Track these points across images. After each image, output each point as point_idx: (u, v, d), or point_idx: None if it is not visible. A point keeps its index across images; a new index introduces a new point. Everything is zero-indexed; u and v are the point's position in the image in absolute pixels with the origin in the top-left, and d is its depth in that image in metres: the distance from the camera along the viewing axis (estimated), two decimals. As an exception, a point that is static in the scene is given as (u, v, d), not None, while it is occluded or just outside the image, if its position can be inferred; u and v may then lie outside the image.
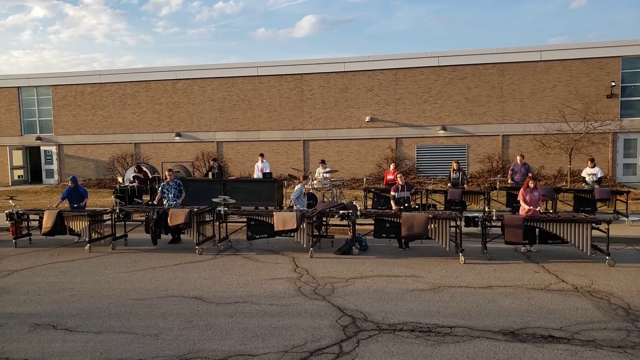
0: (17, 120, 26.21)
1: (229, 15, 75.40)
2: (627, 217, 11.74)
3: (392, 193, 10.34)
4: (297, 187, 10.87)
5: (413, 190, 10.48)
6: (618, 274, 7.65)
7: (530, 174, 12.64)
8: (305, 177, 11.36)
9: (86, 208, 11.48)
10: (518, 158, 13.23)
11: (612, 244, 8.53)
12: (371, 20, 74.47)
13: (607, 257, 8.20)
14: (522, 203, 9.43)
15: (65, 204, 11.26)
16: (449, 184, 13.31)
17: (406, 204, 10.12)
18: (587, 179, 13.12)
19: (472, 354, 4.79)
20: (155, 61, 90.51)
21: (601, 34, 64.64)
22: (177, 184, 11.05)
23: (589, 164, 13.24)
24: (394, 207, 10.16)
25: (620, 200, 12.16)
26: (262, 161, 15.51)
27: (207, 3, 73.42)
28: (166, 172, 11.44)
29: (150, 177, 16.06)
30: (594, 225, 8.29)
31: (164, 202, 10.98)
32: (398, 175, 10.44)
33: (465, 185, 13.14)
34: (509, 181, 13.25)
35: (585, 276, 7.53)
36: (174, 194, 10.95)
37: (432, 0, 71.27)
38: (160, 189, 11.20)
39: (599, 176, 13.03)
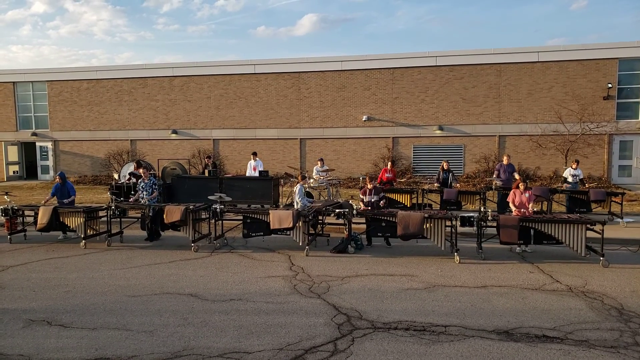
0: (12, 115, 26.08)
1: (230, 12, 75.21)
2: (622, 218, 11.80)
3: (361, 196, 10.29)
4: (298, 187, 10.82)
5: (381, 195, 10.37)
6: (612, 274, 7.70)
7: (516, 174, 12.75)
8: (304, 177, 11.35)
9: (80, 205, 11.44)
10: (505, 158, 13.31)
11: (606, 245, 8.57)
12: (371, 20, 74.49)
13: (601, 258, 8.24)
14: (511, 205, 9.46)
15: (55, 201, 11.22)
16: (436, 184, 13.35)
17: (375, 207, 10.09)
18: (569, 179, 13.19)
19: (466, 353, 4.81)
20: (154, 58, 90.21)
21: (600, 36, 64.90)
22: (151, 182, 11.06)
23: (572, 165, 13.32)
24: (362, 207, 10.15)
25: (615, 201, 12.22)
26: (256, 159, 15.49)
27: (208, 0, 73.23)
28: (141, 170, 11.44)
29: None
30: (588, 226, 8.34)
31: (140, 200, 10.99)
32: (369, 182, 10.35)
33: (457, 185, 13.22)
34: (494, 181, 13.29)
35: (580, 277, 7.58)
36: (147, 192, 10.95)
37: (432, 0, 71.35)
38: (138, 186, 11.21)
39: (580, 177, 13.16)
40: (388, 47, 77.59)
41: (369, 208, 10.03)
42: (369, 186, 10.21)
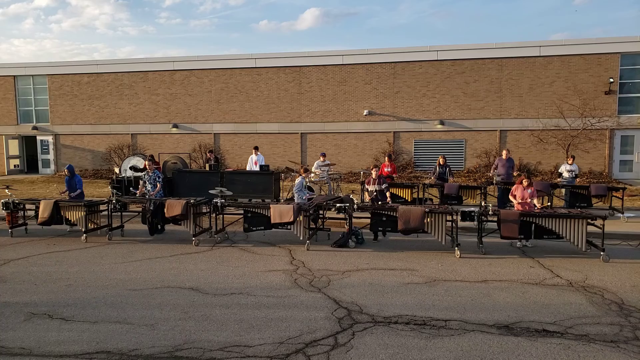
0: (13, 109, 26.05)
1: (232, 6, 75.00)
2: (623, 213, 11.80)
3: (367, 186, 10.47)
4: (298, 180, 10.83)
5: (385, 185, 10.52)
6: (612, 269, 7.70)
7: (514, 169, 12.78)
8: (306, 171, 11.35)
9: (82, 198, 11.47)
10: (504, 153, 13.30)
11: (607, 239, 8.58)
12: (374, 14, 74.19)
13: (601, 253, 8.25)
14: (511, 199, 9.47)
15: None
16: (432, 178, 13.49)
17: (379, 198, 10.25)
18: (564, 175, 13.20)
19: (466, 347, 4.82)
20: (156, 52, 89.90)
21: (604, 30, 64.64)
22: (155, 175, 11.09)
23: (568, 161, 13.32)
24: (367, 199, 10.30)
25: (616, 196, 12.22)
26: (257, 154, 15.48)
27: (210, -6, 72.91)
28: (145, 162, 11.49)
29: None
30: (589, 221, 8.33)
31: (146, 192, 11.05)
32: (373, 171, 10.49)
33: (451, 179, 13.33)
34: (491, 175, 13.33)
35: (580, 271, 7.58)
36: (151, 185, 10.98)
37: (433, -6, 70.97)
38: (142, 179, 11.26)
39: (576, 173, 13.16)
40: (390, 41, 77.31)
41: (375, 196, 10.15)
42: (373, 175, 10.32)
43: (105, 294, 6.56)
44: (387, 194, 10.34)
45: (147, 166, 11.28)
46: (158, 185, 11.07)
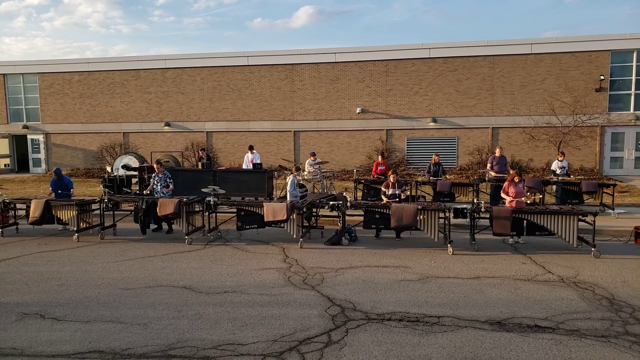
0: (3, 108, 25.78)
1: (226, 4, 74.69)
2: (613, 209, 11.91)
3: (383, 189, 10.40)
4: (290, 178, 10.83)
5: (403, 188, 10.55)
6: (603, 265, 7.78)
7: (508, 166, 12.92)
8: (298, 169, 11.35)
9: (74, 197, 11.38)
10: (497, 150, 13.41)
11: (597, 235, 8.66)
12: (367, 12, 74.22)
13: (592, 249, 8.32)
14: (503, 195, 9.54)
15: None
16: (427, 175, 13.72)
17: (396, 200, 10.26)
18: (557, 171, 13.36)
19: (459, 343, 4.85)
20: (149, 50, 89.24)
21: (596, 28, 65.15)
22: (165, 176, 11.05)
23: (558, 157, 13.46)
24: (384, 201, 10.28)
25: (606, 193, 12.33)
26: (253, 152, 15.45)
27: (205, -9, 72.55)
28: (155, 165, 11.46)
29: (139, 166, 15.90)
30: (580, 217, 8.40)
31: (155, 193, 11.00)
32: (391, 175, 10.46)
33: (445, 177, 13.56)
34: (491, 172, 13.45)
35: (571, 267, 7.65)
36: (161, 185, 10.94)
37: (427, -8, 71.11)
38: (152, 180, 11.23)
39: (567, 169, 13.31)
40: (384, 39, 77.48)
41: (393, 200, 10.17)
42: (392, 180, 10.30)
43: (97, 293, 6.52)
44: (403, 195, 10.35)
45: (156, 168, 11.25)
46: (170, 186, 11.05)
